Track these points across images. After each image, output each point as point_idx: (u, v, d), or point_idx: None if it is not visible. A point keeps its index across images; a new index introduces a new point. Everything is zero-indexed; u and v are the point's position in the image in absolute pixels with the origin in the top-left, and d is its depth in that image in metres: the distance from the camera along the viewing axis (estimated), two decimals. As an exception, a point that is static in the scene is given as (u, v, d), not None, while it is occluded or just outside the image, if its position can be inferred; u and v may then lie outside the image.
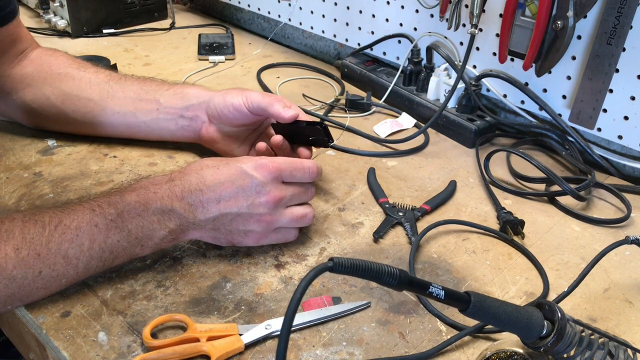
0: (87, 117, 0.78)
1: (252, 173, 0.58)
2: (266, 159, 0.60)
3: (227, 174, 0.58)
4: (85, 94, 0.77)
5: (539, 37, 0.81)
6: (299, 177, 0.62)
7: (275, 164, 0.60)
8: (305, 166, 0.62)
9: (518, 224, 0.69)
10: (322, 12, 1.16)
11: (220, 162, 0.60)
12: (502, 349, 0.47)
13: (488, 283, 0.62)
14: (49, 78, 0.77)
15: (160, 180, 0.59)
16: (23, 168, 0.76)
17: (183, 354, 0.51)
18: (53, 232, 0.52)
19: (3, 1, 0.73)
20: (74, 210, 0.54)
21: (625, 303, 0.61)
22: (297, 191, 0.62)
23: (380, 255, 0.66)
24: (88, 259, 0.54)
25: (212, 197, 0.58)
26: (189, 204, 0.57)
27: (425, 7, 0.97)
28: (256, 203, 0.58)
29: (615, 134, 0.83)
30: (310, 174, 0.62)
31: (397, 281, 0.40)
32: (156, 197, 0.57)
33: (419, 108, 0.96)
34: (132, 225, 0.55)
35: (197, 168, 0.60)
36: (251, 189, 0.58)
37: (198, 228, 0.59)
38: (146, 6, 1.32)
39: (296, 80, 1.09)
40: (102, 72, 0.79)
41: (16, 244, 0.50)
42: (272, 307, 0.57)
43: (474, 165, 0.85)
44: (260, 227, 0.60)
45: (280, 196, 0.60)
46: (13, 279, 0.50)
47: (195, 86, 0.78)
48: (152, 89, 0.77)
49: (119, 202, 0.56)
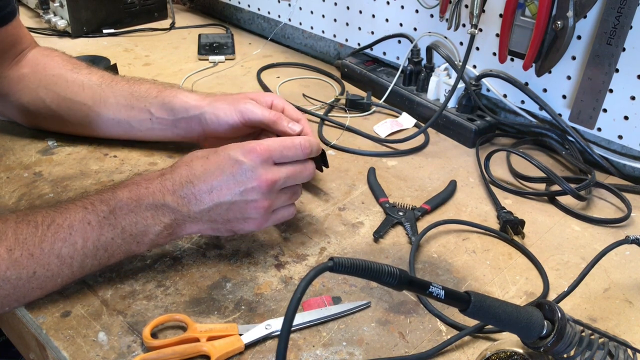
0: (84, 120, 0.78)
1: (241, 158, 0.57)
2: (254, 142, 0.58)
3: (216, 163, 0.57)
4: (78, 98, 0.76)
5: (539, 37, 0.81)
6: (291, 156, 0.59)
7: (264, 146, 0.58)
8: (295, 143, 0.59)
9: (518, 223, 0.69)
10: (322, 12, 1.16)
11: (209, 151, 0.59)
12: (502, 349, 0.47)
13: (488, 283, 0.62)
14: (43, 79, 0.77)
15: (152, 175, 0.58)
16: (23, 168, 0.76)
17: (183, 354, 0.51)
18: (46, 232, 0.52)
19: (2, 1, 0.73)
20: (67, 209, 0.54)
21: (625, 303, 0.61)
22: (291, 171, 0.60)
23: (380, 255, 0.66)
24: (82, 257, 0.53)
25: (204, 188, 0.57)
26: (181, 197, 0.56)
27: (425, 7, 0.97)
28: (249, 188, 0.57)
29: (615, 133, 0.83)
30: (303, 150, 0.60)
31: (397, 281, 0.40)
32: (148, 193, 0.56)
33: (419, 108, 0.96)
34: (125, 222, 0.55)
35: (187, 160, 0.59)
36: (242, 174, 0.57)
37: (194, 221, 0.58)
38: (146, 6, 1.32)
39: (296, 80, 1.09)
40: (95, 74, 0.78)
41: (9, 245, 0.50)
42: (272, 307, 0.57)
43: (474, 165, 0.85)
44: (258, 213, 0.59)
45: (273, 179, 0.58)
46: (7, 280, 0.50)
47: (183, 93, 0.75)
48: (142, 96, 0.75)
49: (111, 199, 0.55)
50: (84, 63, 0.82)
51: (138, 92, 0.76)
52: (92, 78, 0.77)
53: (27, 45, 0.80)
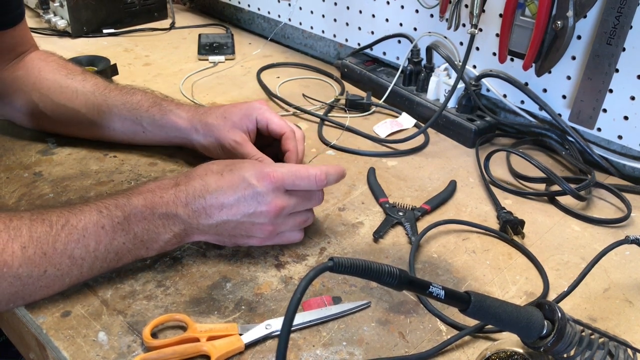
0: (78, 125, 0.78)
1: (254, 183, 0.58)
2: (269, 167, 0.59)
3: (230, 182, 0.59)
4: (71, 104, 0.76)
5: (538, 37, 0.81)
6: (303, 186, 0.60)
7: (278, 174, 0.59)
8: (310, 174, 0.60)
9: (518, 223, 0.69)
10: (322, 12, 1.16)
11: (225, 167, 0.60)
12: (502, 349, 0.47)
13: (488, 283, 0.62)
14: (37, 83, 0.77)
15: (166, 184, 0.59)
16: (23, 168, 0.76)
17: (183, 354, 0.51)
18: (60, 232, 0.52)
19: (14, 2, 0.74)
20: (81, 211, 0.55)
21: (625, 303, 0.61)
22: (301, 200, 0.61)
23: (380, 255, 0.66)
24: (93, 259, 0.54)
25: (215, 204, 0.58)
26: (192, 210, 0.58)
27: (425, 7, 0.97)
28: (257, 212, 0.59)
29: (615, 133, 0.83)
30: (318, 183, 0.60)
31: (397, 281, 0.40)
32: (162, 202, 0.57)
33: (419, 108, 0.96)
34: (138, 229, 0.56)
35: (202, 173, 0.60)
36: (252, 198, 0.58)
37: (202, 233, 0.60)
38: (146, 6, 1.32)
39: (296, 80, 1.09)
40: (89, 82, 0.78)
41: (23, 242, 0.50)
42: (272, 307, 0.57)
43: (474, 165, 0.85)
44: (263, 234, 0.61)
45: (282, 206, 0.59)
46: (18, 277, 0.50)
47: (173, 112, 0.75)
48: (134, 107, 0.75)
49: (126, 205, 0.56)
50: (80, 68, 0.81)
51: (130, 103, 0.76)
52: (85, 85, 0.77)
53: (28, 47, 0.80)
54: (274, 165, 0.60)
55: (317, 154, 0.85)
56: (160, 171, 0.77)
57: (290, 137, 0.72)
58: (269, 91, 1.02)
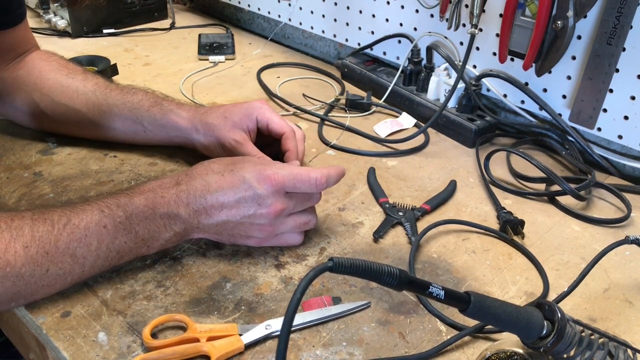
0: (78, 125, 0.78)
1: (255, 185, 0.59)
2: (270, 169, 0.59)
3: (231, 183, 0.59)
4: (72, 104, 0.76)
5: (539, 37, 0.81)
6: (303, 189, 0.60)
7: (279, 177, 0.59)
8: (311, 177, 0.60)
9: (518, 223, 0.69)
10: (322, 12, 1.16)
11: (225, 167, 0.60)
12: (502, 349, 0.47)
13: (488, 283, 0.62)
14: (38, 83, 0.77)
15: (168, 183, 0.60)
16: (23, 168, 0.76)
17: (183, 354, 0.51)
18: (62, 231, 0.52)
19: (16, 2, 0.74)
20: (83, 210, 0.55)
21: (625, 303, 0.61)
22: (300, 200, 0.61)
23: (380, 255, 0.66)
24: (95, 258, 0.54)
25: (215, 204, 0.58)
26: (193, 209, 0.58)
27: (425, 7, 0.97)
28: (257, 214, 0.59)
29: (615, 133, 0.83)
30: (318, 186, 0.60)
31: (397, 281, 0.40)
32: (163, 202, 0.58)
33: (419, 108, 0.96)
34: (139, 228, 0.56)
35: (203, 173, 0.60)
36: (252, 200, 0.59)
37: (202, 231, 0.61)
38: (146, 6, 1.32)
39: (296, 80, 1.09)
40: (90, 81, 0.78)
41: (25, 242, 0.51)
42: (272, 307, 0.57)
43: (474, 165, 0.85)
44: (262, 234, 0.61)
45: (282, 208, 0.60)
46: (21, 276, 0.50)
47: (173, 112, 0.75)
48: (135, 107, 0.75)
49: (127, 204, 0.56)
50: (81, 68, 0.81)
51: (131, 102, 0.76)
52: (86, 85, 0.77)
53: (29, 47, 0.81)
54: (275, 167, 0.60)
55: (317, 153, 0.85)
56: (161, 171, 0.77)
57: (291, 137, 0.72)
58: (269, 91, 1.02)
